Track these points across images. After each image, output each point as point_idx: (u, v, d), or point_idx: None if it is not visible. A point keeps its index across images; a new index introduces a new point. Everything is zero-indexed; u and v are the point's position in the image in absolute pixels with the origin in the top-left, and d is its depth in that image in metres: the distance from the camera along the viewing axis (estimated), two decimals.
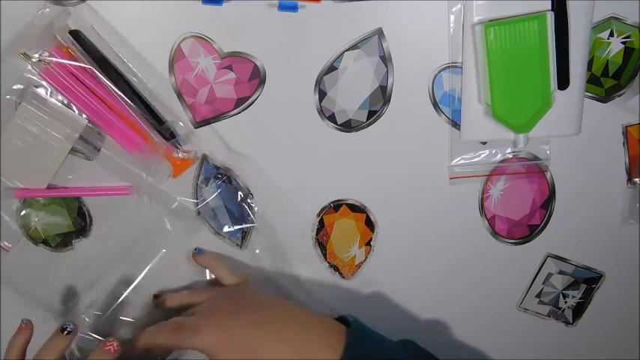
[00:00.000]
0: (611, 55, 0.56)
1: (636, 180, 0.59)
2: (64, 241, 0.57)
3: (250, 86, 0.55)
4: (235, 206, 0.58)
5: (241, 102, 0.55)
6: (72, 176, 0.55)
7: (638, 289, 0.63)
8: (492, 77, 0.52)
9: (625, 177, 0.59)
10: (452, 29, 0.54)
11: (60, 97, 0.53)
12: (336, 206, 0.59)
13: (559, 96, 0.53)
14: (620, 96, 0.57)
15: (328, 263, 0.61)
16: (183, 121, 0.55)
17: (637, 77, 0.56)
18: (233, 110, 0.56)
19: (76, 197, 0.56)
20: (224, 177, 0.57)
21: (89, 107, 0.52)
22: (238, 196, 0.57)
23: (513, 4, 0.51)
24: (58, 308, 0.58)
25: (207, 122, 0.56)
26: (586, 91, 0.55)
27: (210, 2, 0.52)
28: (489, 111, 0.53)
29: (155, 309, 0.58)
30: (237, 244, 0.59)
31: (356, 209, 0.59)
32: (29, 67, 0.51)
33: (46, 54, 0.51)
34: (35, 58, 0.51)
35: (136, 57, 0.53)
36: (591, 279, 0.62)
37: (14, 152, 0.53)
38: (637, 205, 0.59)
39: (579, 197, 0.60)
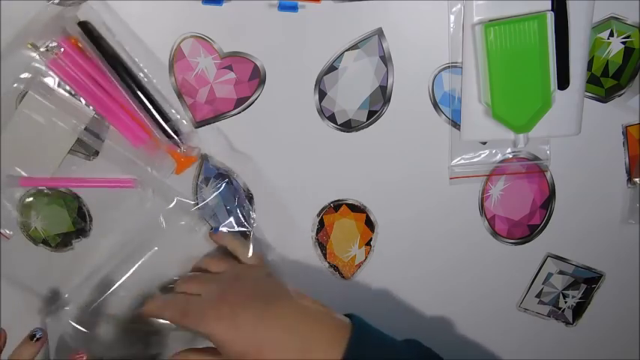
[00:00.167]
0: (611, 55, 0.56)
1: (636, 180, 0.59)
2: (64, 241, 0.57)
3: (250, 86, 0.55)
4: (235, 206, 0.58)
5: (241, 102, 0.55)
6: (75, 170, 0.55)
7: (638, 289, 0.63)
8: (492, 77, 0.52)
9: (625, 177, 0.59)
10: (452, 29, 0.54)
11: (67, 88, 0.53)
12: (336, 206, 0.59)
13: (559, 96, 0.53)
14: (620, 96, 0.57)
15: (328, 263, 0.61)
16: (185, 120, 0.55)
17: (637, 77, 0.56)
18: (233, 110, 0.56)
19: (76, 197, 0.56)
20: (224, 177, 0.57)
21: (96, 99, 0.52)
22: (238, 196, 0.57)
23: (513, 4, 0.51)
24: (58, 308, 0.57)
25: (207, 122, 0.56)
26: (586, 91, 0.55)
27: (210, 2, 0.52)
28: (489, 111, 0.53)
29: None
30: None
31: (356, 209, 0.59)
32: (37, 57, 0.51)
33: (54, 44, 0.51)
34: (43, 48, 0.51)
35: (147, 54, 0.53)
36: (591, 279, 0.62)
37: (19, 141, 0.53)
38: (637, 205, 0.59)
39: (579, 197, 0.60)
